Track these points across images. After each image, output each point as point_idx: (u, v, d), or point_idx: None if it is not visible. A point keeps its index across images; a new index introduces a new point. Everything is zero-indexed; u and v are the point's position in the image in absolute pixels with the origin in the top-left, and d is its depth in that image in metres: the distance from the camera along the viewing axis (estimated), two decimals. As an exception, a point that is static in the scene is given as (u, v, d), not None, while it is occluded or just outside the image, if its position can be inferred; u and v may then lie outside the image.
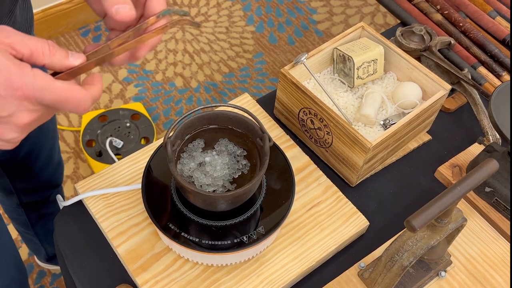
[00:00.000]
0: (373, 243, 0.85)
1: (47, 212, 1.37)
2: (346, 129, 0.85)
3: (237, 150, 0.78)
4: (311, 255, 0.82)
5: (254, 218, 0.78)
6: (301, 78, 0.95)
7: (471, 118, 1.02)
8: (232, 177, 0.76)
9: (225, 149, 0.78)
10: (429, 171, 0.95)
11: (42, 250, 1.54)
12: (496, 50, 1.08)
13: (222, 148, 0.78)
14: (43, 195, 1.30)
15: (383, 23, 2.40)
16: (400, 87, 0.94)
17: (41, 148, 1.15)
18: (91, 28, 2.29)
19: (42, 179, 1.24)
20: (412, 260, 0.70)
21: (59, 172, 1.30)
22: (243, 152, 0.78)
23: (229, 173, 0.76)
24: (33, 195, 1.28)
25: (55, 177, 1.28)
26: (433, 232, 0.70)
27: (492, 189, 0.88)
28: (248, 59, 2.25)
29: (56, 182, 1.30)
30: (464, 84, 1.02)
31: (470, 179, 0.65)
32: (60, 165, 1.29)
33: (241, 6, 2.44)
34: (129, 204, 0.85)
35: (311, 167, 0.91)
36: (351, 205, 0.87)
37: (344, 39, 0.98)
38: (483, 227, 0.87)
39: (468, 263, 0.83)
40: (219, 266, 0.80)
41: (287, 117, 0.98)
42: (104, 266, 0.83)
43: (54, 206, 1.37)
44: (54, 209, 1.38)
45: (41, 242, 1.48)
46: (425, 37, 1.04)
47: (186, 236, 0.75)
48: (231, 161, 0.77)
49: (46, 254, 1.56)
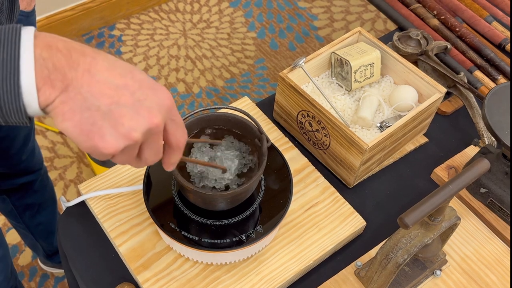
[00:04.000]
0: (370, 243, 0.87)
1: (33, 203, 1.40)
2: (344, 131, 0.87)
3: (243, 147, 0.79)
4: (309, 255, 0.83)
5: (253, 218, 0.80)
6: (300, 81, 0.97)
7: (467, 121, 1.04)
8: (241, 170, 0.78)
9: (232, 145, 0.79)
10: (425, 173, 0.97)
11: (38, 246, 1.56)
12: (492, 55, 1.10)
13: (229, 144, 0.79)
14: (22, 181, 1.33)
15: (383, 29, 2.42)
16: (396, 90, 0.96)
17: (18, 132, 1.18)
18: (94, 34, 2.31)
19: (19, 164, 1.28)
20: (406, 258, 0.71)
21: (36, 158, 1.33)
22: (248, 149, 0.79)
23: (240, 165, 0.78)
24: (12, 180, 1.31)
25: (32, 163, 1.32)
26: (426, 230, 0.72)
27: (487, 190, 0.90)
28: (249, 65, 2.27)
29: (33, 168, 1.33)
30: (460, 88, 1.03)
31: (461, 178, 0.67)
32: (35, 152, 1.32)
33: (242, 13, 2.46)
34: (130, 205, 0.87)
35: (309, 169, 0.93)
36: (348, 205, 0.89)
37: (342, 43, 1.00)
38: (478, 227, 0.88)
39: (463, 262, 0.85)
40: (219, 265, 0.81)
41: (286, 120, 0.99)
42: (106, 265, 0.85)
43: (39, 197, 1.41)
44: (41, 199, 1.42)
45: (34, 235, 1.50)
46: (421, 41, 1.06)
47: (186, 235, 0.77)
48: (239, 156, 0.79)
49: (44, 251, 1.58)
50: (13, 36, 0.48)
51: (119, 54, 2.26)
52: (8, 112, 0.49)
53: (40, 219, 1.46)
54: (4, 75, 0.47)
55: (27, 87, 0.48)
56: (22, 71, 0.48)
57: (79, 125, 0.50)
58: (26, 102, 0.49)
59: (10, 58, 0.48)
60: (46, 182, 1.43)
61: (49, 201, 1.46)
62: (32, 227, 1.46)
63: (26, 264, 1.74)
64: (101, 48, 2.28)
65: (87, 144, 0.51)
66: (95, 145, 0.51)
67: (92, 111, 0.50)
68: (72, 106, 0.50)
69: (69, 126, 0.50)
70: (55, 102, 0.50)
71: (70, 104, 0.50)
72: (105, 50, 2.27)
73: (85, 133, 0.51)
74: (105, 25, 2.35)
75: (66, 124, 0.50)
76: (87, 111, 0.50)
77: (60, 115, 0.50)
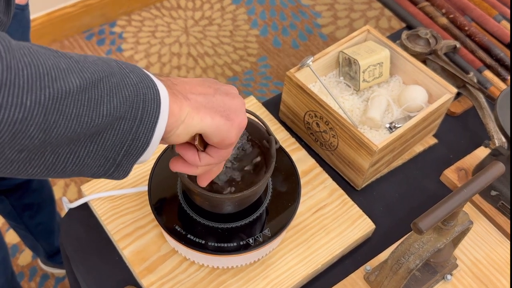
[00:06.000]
0: (379, 247, 0.85)
1: (32, 203, 1.39)
2: (352, 132, 0.85)
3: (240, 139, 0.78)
4: (317, 258, 0.82)
5: (260, 221, 0.78)
6: (307, 81, 0.95)
7: (476, 122, 1.02)
8: (240, 157, 0.76)
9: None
10: (435, 175, 0.95)
11: (39, 247, 1.54)
12: (502, 54, 1.08)
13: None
14: (19, 181, 1.32)
15: (388, 27, 2.40)
16: (405, 90, 0.94)
17: None
18: (95, 31, 2.29)
19: None
20: (418, 263, 0.70)
21: None
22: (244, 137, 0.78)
23: (236, 151, 0.76)
24: (9, 180, 1.30)
25: None
26: (439, 234, 0.70)
27: (498, 193, 0.88)
28: (252, 62, 2.25)
29: None
30: (469, 88, 1.02)
31: (476, 182, 0.65)
32: None
33: (245, 10, 2.44)
34: (135, 207, 0.85)
35: (317, 170, 0.91)
36: (357, 208, 0.87)
37: (350, 42, 0.98)
38: (489, 230, 0.87)
39: (474, 266, 0.83)
40: (225, 269, 0.80)
41: (292, 120, 0.98)
42: (109, 268, 0.83)
43: (37, 196, 1.40)
44: (39, 199, 1.41)
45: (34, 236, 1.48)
46: (430, 40, 1.04)
47: (192, 238, 0.75)
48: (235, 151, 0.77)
49: (45, 252, 1.57)
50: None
51: (120, 51, 2.24)
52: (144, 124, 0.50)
53: (39, 219, 1.45)
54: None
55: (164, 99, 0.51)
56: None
57: (223, 114, 0.55)
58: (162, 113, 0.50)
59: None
60: (44, 182, 1.42)
61: (47, 201, 1.45)
62: (31, 227, 1.45)
63: (26, 264, 1.73)
64: (102, 45, 2.25)
65: (235, 127, 0.56)
66: (239, 124, 0.57)
67: (216, 103, 0.56)
68: (200, 106, 0.54)
69: (219, 119, 0.55)
70: (186, 109, 0.52)
71: (197, 105, 0.54)
72: (106, 47, 2.25)
73: (229, 118, 0.56)
74: (106, 22, 2.33)
75: (207, 120, 0.54)
76: (214, 103, 0.55)
77: (196, 117, 0.53)
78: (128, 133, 0.48)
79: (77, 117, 0.43)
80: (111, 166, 0.50)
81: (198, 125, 0.54)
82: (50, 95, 0.41)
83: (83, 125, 0.44)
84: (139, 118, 0.48)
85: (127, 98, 0.47)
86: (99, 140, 0.47)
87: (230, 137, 0.57)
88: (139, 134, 0.49)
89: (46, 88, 0.40)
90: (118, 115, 0.47)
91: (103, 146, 0.48)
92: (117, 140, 0.48)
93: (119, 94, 0.46)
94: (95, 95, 0.44)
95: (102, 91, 0.45)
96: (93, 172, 0.50)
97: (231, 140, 0.57)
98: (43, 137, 0.42)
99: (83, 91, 0.43)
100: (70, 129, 0.43)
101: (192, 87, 0.56)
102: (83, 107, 0.43)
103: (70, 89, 0.42)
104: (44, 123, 0.41)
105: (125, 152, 0.50)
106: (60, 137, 0.43)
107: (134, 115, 0.48)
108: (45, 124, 0.41)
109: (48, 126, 0.41)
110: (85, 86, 0.43)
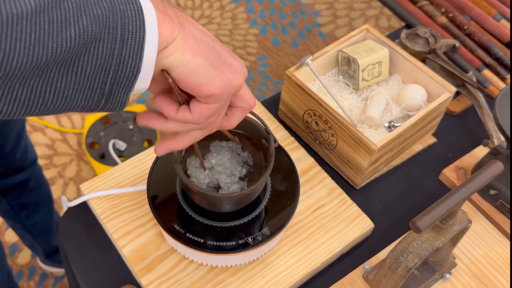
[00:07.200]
0: (378, 245, 0.85)
1: (29, 202, 1.39)
2: (351, 131, 0.85)
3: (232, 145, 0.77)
4: (316, 257, 0.82)
5: (259, 220, 0.78)
6: (306, 80, 0.95)
7: (475, 121, 1.02)
8: (244, 169, 0.76)
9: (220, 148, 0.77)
10: (433, 174, 0.95)
11: (37, 246, 1.54)
12: (501, 53, 1.08)
13: (218, 148, 0.77)
14: (16, 180, 1.32)
15: (387, 26, 2.40)
16: (405, 89, 0.94)
17: (11, 131, 1.17)
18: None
19: (13, 162, 1.26)
20: (417, 262, 0.70)
21: (29, 154, 1.32)
22: (239, 145, 0.77)
23: (238, 164, 0.76)
24: (7, 179, 1.30)
25: (25, 160, 1.31)
26: (438, 233, 0.70)
27: (496, 192, 0.88)
28: (251, 61, 2.25)
29: (26, 164, 1.32)
30: (468, 87, 1.02)
31: (475, 181, 0.66)
32: (28, 148, 1.31)
33: (244, 9, 2.44)
34: (134, 205, 0.85)
35: (316, 169, 0.91)
36: (355, 207, 0.87)
37: (349, 41, 0.98)
38: (488, 229, 0.87)
39: (472, 265, 0.83)
40: (224, 267, 0.80)
41: (291, 119, 0.98)
42: (108, 267, 0.83)
43: (35, 195, 1.40)
44: (37, 198, 1.41)
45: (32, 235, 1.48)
46: (429, 39, 1.04)
47: (191, 237, 0.75)
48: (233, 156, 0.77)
49: (43, 251, 1.57)
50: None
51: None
52: (128, 55, 0.45)
53: (37, 219, 1.44)
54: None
55: (150, 16, 0.45)
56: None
57: (209, 58, 0.49)
58: (148, 34, 0.45)
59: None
60: (42, 181, 1.42)
61: (45, 200, 1.45)
62: (29, 226, 1.45)
63: (25, 263, 1.73)
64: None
65: (220, 77, 0.50)
66: (228, 79, 0.51)
67: (211, 48, 0.50)
68: (194, 42, 0.49)
69: (201, 60, 0.49)
70: (178, 39, 0.47)
71: (192, 40, 0.48)
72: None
73: (216, 66, 0.50)
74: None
75: (197, 58, 0.49)
76: (207, 47, 0.50)
77: (188, 50, 0.48)
78: (109, 57, 0.44)
79: (39, 42, 0.39)
80: (100, 97, 0.46)
81: (190, 62, 0.49)
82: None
83: (48, 51, 0.39)
84: (119, 39, 0.43)
85: (99, 16, 0.42)
86: (76, 68, 0.43)
87: (209, 84, 0.50)
88: (124, 57, 0.44)
89: None
90: (91, 37, 0.41)
91: (82, 74, 0.43)
92: (98, 66, 0.44)
93: (89, 12, 0.41)
94: (57, 16, 0.39)
95: (67, 10, 0.40)
96: (82, 106, 0.46)
97: (209, 89, 0.50)
98: (2, 67, 0.38)
99: (40, 13, 0.38)
100: (33, 57, 0.39)
101: (194, 23, 0.51)
102: (44, 30, 0.39)
103: (23, 11, 0.37)
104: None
105: (112, 80, 0.45)
106: (24, 67, 0.39)
107: (112, 36, 0.43)
108: (0, 53, 0.37)
109: (5, 55, 0.37)
110: (43, 6, 0.38)
